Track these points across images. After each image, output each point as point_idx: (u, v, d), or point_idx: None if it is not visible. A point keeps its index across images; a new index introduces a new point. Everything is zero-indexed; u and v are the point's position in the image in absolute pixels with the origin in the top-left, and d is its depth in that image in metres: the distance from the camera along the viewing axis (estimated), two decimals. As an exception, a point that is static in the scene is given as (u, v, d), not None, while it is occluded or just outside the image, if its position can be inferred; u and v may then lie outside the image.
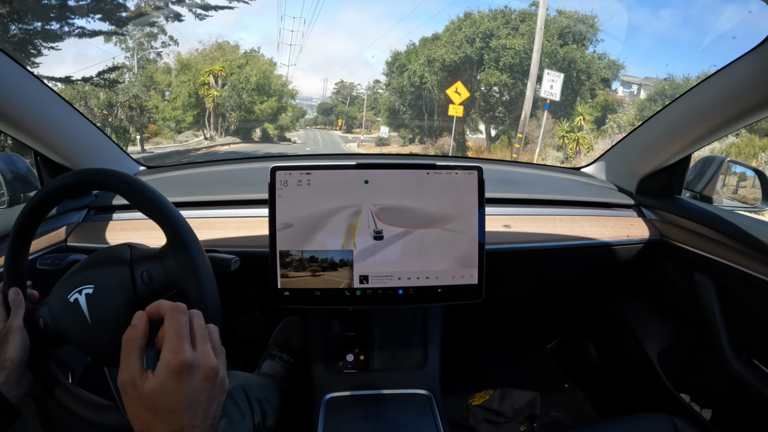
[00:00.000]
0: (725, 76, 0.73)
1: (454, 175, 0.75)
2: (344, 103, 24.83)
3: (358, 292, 0.75)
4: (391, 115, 15.79)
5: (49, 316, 0.50)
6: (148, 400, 0.36)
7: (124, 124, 12.77)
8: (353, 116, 23.92)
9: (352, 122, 23.85)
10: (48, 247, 0.83)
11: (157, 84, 14.96)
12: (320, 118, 25.79)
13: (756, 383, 0.76)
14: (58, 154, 0.86)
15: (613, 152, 1.13)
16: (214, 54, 16.19)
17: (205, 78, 15.58)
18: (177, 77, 15.45)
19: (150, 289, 0.49)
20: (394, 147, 16.92)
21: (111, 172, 0.49)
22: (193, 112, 15.57)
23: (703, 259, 0.85)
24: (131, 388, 0.37)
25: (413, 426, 0.81)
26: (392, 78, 15.54)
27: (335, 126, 24.63)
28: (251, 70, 16.36)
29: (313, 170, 0.73)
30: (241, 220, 0.90)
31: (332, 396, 0.86)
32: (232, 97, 15.96)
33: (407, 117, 15.46)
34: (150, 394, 0.36)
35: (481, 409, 1.23)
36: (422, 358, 0.93)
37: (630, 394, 1.15)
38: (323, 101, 26.18)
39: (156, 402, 0.36)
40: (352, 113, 24.04)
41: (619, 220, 0.99)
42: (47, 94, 0.78)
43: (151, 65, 14.95)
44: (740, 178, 1.03)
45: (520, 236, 0.91)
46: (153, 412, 0.37)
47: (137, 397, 0.37)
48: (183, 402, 0.37)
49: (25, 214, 0.50)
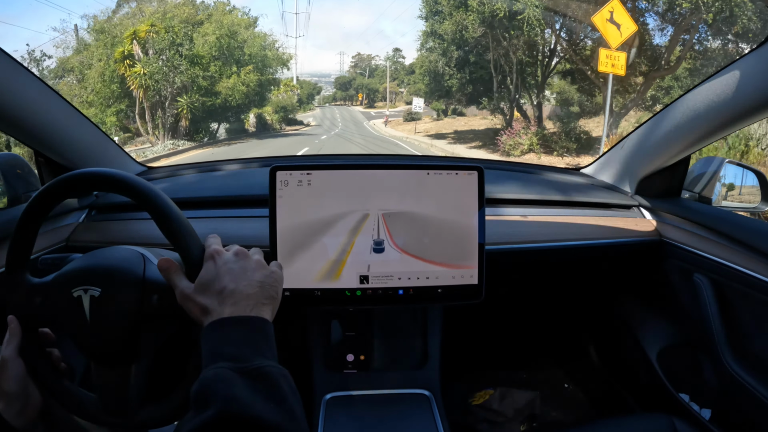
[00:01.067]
0: (725, 77, 0.73)
1: (455, 176, 0.75)
2: (363, 75, 22.60)
3: (358, 293, 0.76)
4: (432, 81, 10.67)
5: (47, 300, 0.50)
6: (198, 285, 0.46)
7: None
8: (374, 89, 21.61)
9: (374, 96, 21.60)
10: (49, 247, 0.83)
11: (73, 70, 9.66)
12: (339, 94, 23.66)
13: (755, 383, 0.76)
14: (59, 154, 0.86)
15: (613, 153, 1.13)
16: (151, 10, 9.94)
17: (126, 47, 9.35)
18: (89, 53, 9.61)
19: (157, 313, 0.50)
20: (431, 124, 12.98)
21: (137, 179, 0.49)
22: (118, 107, 9.79)
23: (702, 260, 0.85)
24: (182, 290, 0.47)
25: (413, 426, 0.81)
26: (436, 23, 9.61)
27: (355, 101, 22.53)
28: (210, 28, 10.27)
29: (314, 170, 0.73)
30: (241, 220, 0.90)
31: (332, 396, 0.87)
32: (169, 71, 9.58)
33: (455, 82, 10.07)
34: (198, 280, 0.47)
35: (481, 409, 1.23)
36: (422, 358, 0.93)
37: (629, 394, 1.16)
38: (341, 75, 23.98)
39: (201, 280, 0.47)
40: (373, 86, 21.78)
41: (619, 221, 1.00)
42: (48, 94, 0.78)
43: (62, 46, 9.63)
44: (739, 179, 1.03)
45: (520, 236, 0.91)
46: (201, 290, 0.46)
47: (188, 295, 0.46)
48: (220, 272, 0.46)
49: (28, 212, 0.50)
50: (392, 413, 0.83)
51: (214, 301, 0.44)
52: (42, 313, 0.50)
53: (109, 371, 0.51)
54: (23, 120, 0.75)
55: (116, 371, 0.50)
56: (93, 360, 0.51)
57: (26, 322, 0.51)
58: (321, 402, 0.85)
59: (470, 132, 11.50)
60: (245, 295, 0.45)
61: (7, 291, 0.51)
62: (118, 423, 0.51)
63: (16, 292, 0.51)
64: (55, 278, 0.51)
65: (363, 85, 21.94)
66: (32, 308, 0.50)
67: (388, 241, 0.75)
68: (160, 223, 0.49)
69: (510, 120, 9.63)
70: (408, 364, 0.93)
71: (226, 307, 0.44)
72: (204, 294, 0.45)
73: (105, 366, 0.51)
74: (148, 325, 0.50)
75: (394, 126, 15.04)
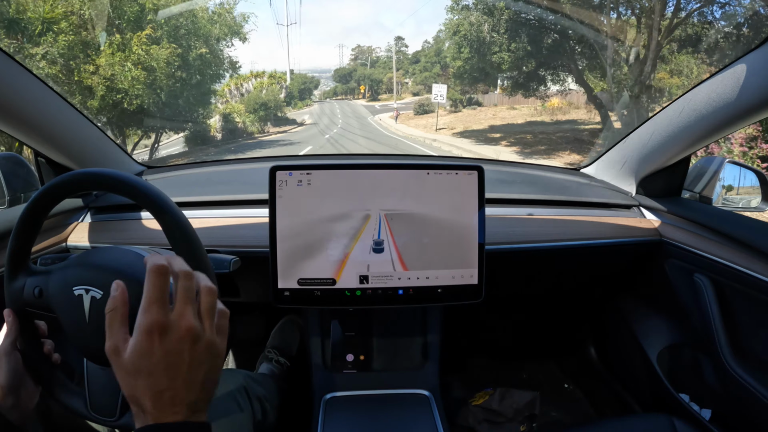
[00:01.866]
0: (725, 77, 0.73)
1: (455, 176, 0.75)
2: (365, 65, 20.30)
3: (358, 293, 0.76)
4: (475, 55, 7.07)
5: (46, 291, 0.50)
6: (129, 364, 0.37)
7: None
8: (377, 80, 19.31)
9: (378, 87, 19.26)
10: (48, 246, 0.83)
11: None
12: (339, 88, 21.18)
13: (755, 383, 0.76)
14: (60, 154, 0.86)
15: (613, 152, 1.13)
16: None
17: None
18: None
19: None
20: (450, 117, 9.17)
21: (143, 181, 0.49)
22: None
23: (702, 260, 0.85)
24: (115, 355, 0.37)
25: (413, 426, 0.81)
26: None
27: (357, 94, 20.01)
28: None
29: (314, 170, 0.73)
30: (241, 220, 0.90)
31: (332, 396, 0.87)
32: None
33: (507, 57, 6.38)
34: (129, 357, 0.37)
35: (481, 409, 1.23)
36: (422, 358, 0.93)
37: (629, 394, 1.16)
38: (340, 67, 21.65)
39: (135, 364, 0.37)
40: (376, 76, 19.45)
41: (619, 221, 0.99)
42: (48, 94, 0.78)
43: None
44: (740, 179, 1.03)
45: (520, 236, 0.91)
46: (134, 375, 0.37)
47: (120, 364, 0.37)
48: (160, 363, 0.36)
49: (27, 212, 0.50)
50: (392, 413, 0.83)
51: (147, 400, 0.36)
52: (40, 305, 0.51)
53: (101, 370, 0.51)
54: (23, 120, 0.75)
55: (108, 370, 0.50)
56: (89, 359, 0.51)
57: (23, 314, 0.51)
58: (320, 402, 0.85)
59: (516, 128, 7.89)
60: (182, 399, 0.37)
61: (7, 277, 0.51)
62: (104, 422, 0.51)
63: (15, 279, 0.51)
64: (57, 271, 0.51)
65: (365, 75, 19.85)
66: (30, 300, 0.51)
67: (388, 241, 0.75)
68: (161, 222, 0.49)
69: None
70: (408, 364, 0.93)
71: (161, 410, 0.36)
72: (136, 379, 0.37)
73: (98, 364, 0.51)
74: None
75: (405, 121, 11.99)
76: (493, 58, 6.71)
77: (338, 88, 21.13)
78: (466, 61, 7.43)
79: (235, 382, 0.77)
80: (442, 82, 9.28)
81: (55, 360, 0.54)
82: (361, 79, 19.78)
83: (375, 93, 19.22)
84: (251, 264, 0.75)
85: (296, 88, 15.20)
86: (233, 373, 0.82)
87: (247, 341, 1.35)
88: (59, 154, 0.86)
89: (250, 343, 1.33)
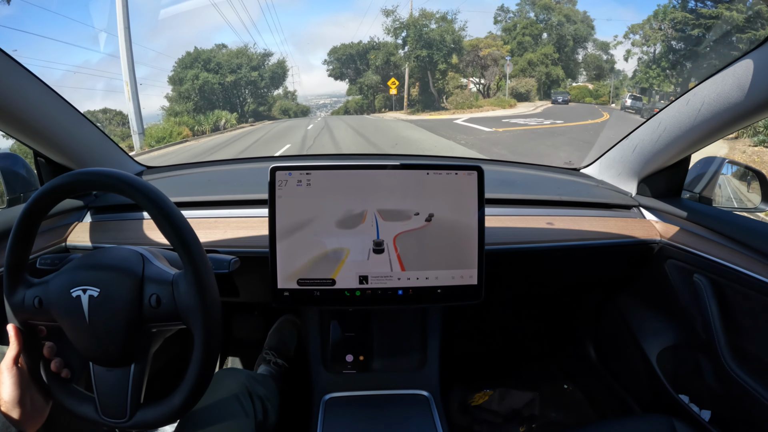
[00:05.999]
0: (725, 77, 0.73)
1: (454, 176, 0.75)
2: (399, 34, 12.83)
3: (357, 293, 0.75)
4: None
5: (46, 300, 0.50)
6: None
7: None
8: (434, 62, 11.96)
9: (434, 80, 12.51)
10: (48, 246, 0.83)
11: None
12: (353, 101, 13.89)
13: (755, 384, 0.76)
14: (59, 154, 0.86)
15: (613, 153, 1.13)
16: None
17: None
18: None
19: (155, 314, 0.50)
20: None
21: (139, 180, 0.49)
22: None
23: (702, 260, 0.85)
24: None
25: (413, 426, 0.81)
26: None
27: (384, 98, 12.75)
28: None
29: (313, 170, 0.73)
30: (241, 221, 0.90)
31: (332, 396, 0.87)
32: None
33: None
34: None
35: (481, 410, 1.23)
36: (422, 359, 0.93)
37: (629, 395, 1.15)
38: (343, 43, 14.15)
39: None
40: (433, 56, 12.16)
41: (619, 221, 0.99)
42: (48, 94, 0.78)
43: None
44: (740, 179, 1.03)
45: (520, 236, 0.91)
46: None
47: None
48: None
49: (27, 211, 0.50)
50: (391, 414, 0.83)
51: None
52: (41, 315, 0.50)
53: (107, 372, 0.51)
54: (23, 120, 0.75)
55: (115, 372, 0.50)
56: (92, 360, 0.51)
57: (26, 326, 0.51)
58: (320, 402, 0.85)
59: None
60: None
61: (7, 291, 0.51)
62: (115, 424, 0.51)
63: (15, 292, 0.51)
64: (54, 278, 0.51)
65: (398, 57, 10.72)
66: (31, 309, 0.50)
67: (388, 241, 0.74)
68: (159, 223, 0.49)
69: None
70: (407, 364, 0.93)
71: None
72: None
73: (104, 366, 0.51)
74: (147, 325, 0.50)
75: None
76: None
77: (351, 102, 13.71)
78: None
79: (237, 383, 0.77)
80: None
81: (64, 375, 0.54)
82: (386, 67, 11.12)
83: (428, 97, 11.13)
84: (251, 264, 0.75)
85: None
86: (235, 372, 0.82)
87: (246, 342, 1.35)
88: (59, 154, 0.86)
89: (249, 344, 1.33)
